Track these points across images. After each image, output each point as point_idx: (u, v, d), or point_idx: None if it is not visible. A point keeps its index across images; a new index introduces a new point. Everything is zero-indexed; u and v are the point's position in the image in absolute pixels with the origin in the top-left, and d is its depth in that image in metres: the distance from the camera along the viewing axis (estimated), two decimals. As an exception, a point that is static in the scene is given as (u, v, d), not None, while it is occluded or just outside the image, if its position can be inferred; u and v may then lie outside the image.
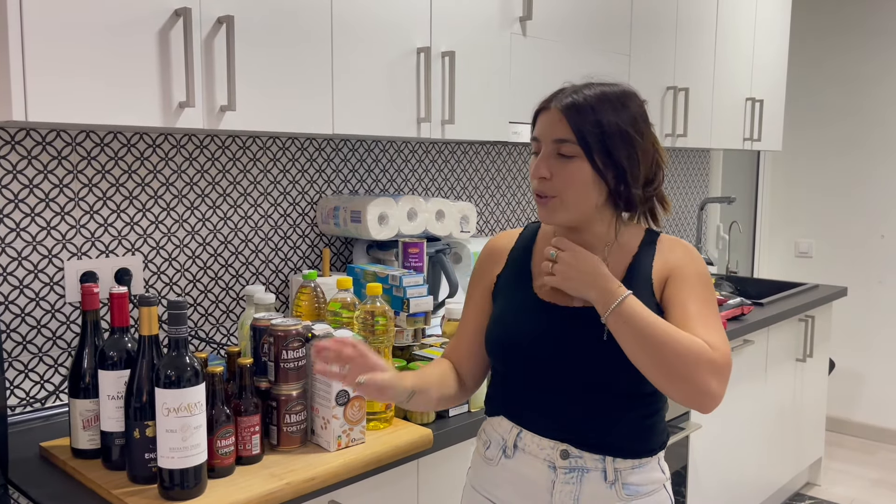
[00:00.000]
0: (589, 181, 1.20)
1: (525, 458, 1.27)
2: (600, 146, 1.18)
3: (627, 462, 1.24)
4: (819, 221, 4.28)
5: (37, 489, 1.31)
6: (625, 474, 1.24)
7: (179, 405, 1.20)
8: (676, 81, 2.82)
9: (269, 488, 1.28)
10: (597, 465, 1.23)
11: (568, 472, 1.24)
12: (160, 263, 1.82)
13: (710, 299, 1.22)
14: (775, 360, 2.98)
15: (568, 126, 1.19)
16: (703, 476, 2.59)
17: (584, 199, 1.21)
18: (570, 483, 1.24)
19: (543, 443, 1.25)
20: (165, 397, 1.20)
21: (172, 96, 1.44)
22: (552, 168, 1.21)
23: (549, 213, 1.23)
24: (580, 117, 1.19)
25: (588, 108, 1.19)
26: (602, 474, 1.23)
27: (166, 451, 1.21)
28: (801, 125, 4.25)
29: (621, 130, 1.19)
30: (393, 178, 2.34)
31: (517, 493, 1.28)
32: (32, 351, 1.64)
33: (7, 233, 1.59)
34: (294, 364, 1.42)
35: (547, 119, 1.23)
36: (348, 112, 1.75)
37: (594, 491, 1.23)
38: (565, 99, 1.21)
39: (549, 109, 1.23)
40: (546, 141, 1.22)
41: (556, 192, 1.21)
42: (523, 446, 1.27)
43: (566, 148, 1.20)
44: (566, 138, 1.19)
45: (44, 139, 1.62)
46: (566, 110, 1.20)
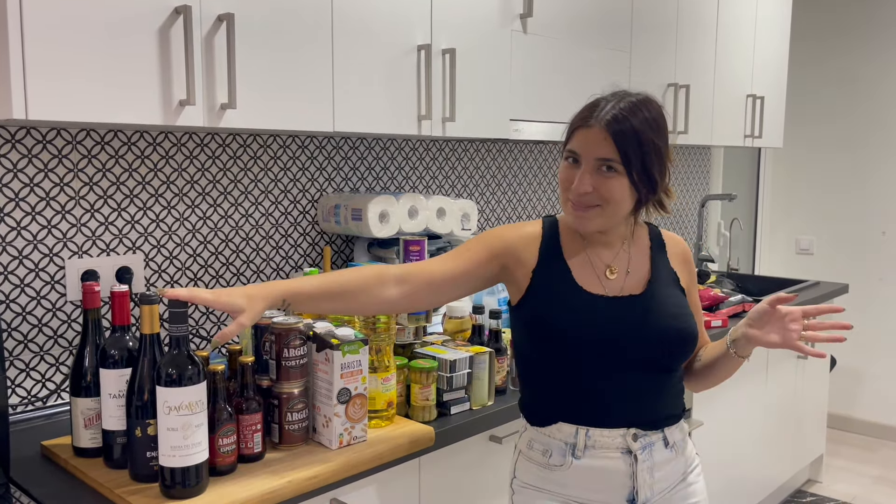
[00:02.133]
0: (627, 195, 1.30)
1: (598, 453, 1.34)
2: (640, 164, 1.27)
3: (673, 427, 1.39)
4: (820, 218, 4.28)
5: (38, 488, 1.30)
6: (672, 436, 1.38)
7: (181, 403, 1.20)
8: (677, 78, 2.82)
9: (271, 486, 1.28)
10: (658, 437, 1.37)
11: (642, 451, 1.35)
12: (161, 262, 1.82)
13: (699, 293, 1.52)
14: (776, 358, 2.97)
15: (614, 146, 1.26)
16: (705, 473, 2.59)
17: (622, 210, 1.32)
18: (647, 459, 1.35)
19: (614, 433, 1.34)
20: (167, 396, 1.20)
21: (173, 94, 1.43)
22: (595, 183, 1.29)
23: (586, 220, 1.32)
24: (625, 139, 1.26)
25: (632, 132, 1.26)
26: (663, 442, 1.37)
27: (168, 450, 1.21)
28: (802, 122, 4.25)
29: (657, 150, 1.29)
30: (394, 176, 2.33)
31: (592, 488, 1.35)
32: (34, 350, 1.64)
33: (8, 231, 1.59)
34: (296, 362, 1.42)
35: (590, 136, 1.28)
36: (349, 110, 1.74)
37: (661, 458, 1.37)
38: (607, 117, 1.27)
39: (590, 127, 1.28)
40: (588, 158, 1.29)
41: (599, 202, 1.30)
42: (593, 444, 1.34)
43: (609, 166, 1.28)
44: (612, 158, 1.27)
45: (44, 137, 1.62)
46: (613, 133, 1.26)
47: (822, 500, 3.38)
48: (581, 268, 1.38)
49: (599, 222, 1.33)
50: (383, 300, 1.34)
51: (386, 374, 1.55)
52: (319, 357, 1.44)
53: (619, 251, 1.40)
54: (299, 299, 1.28)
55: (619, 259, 1.39)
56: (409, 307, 1.40)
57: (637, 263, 1.40)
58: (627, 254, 1.40)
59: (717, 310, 2.65)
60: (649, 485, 1.36)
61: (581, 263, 1.38)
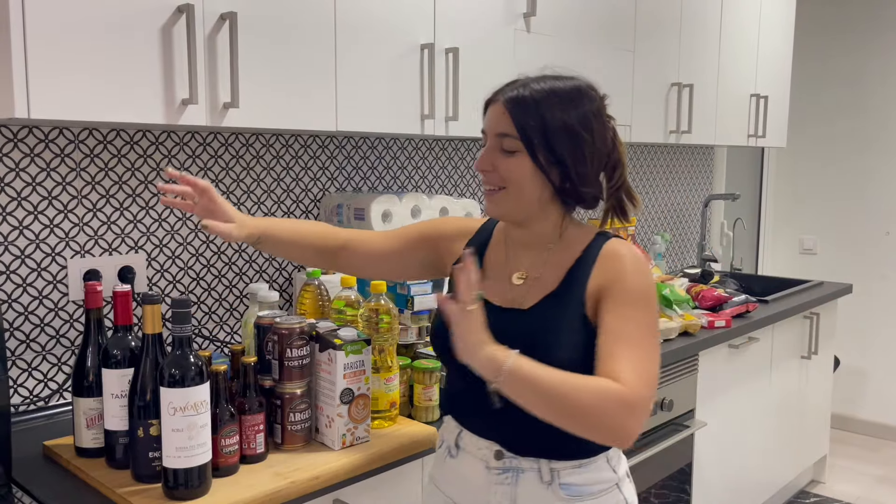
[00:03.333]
0: (529, 176, 1.18)
1: (466, 457, 1.28)
2: (543, 143, 1.16)
3: (565, 463, 1.21)
4: (823, 218, 4.27)
5: (40, 488, 1.30)
6: (563, 475, 1.20)
7: (185, 404, 1.19)
8: (681, 78, 2.81)
9: (274, 487, 1.27)
10: (531, 466, 1.21)
11: (502, 473, 1.23)
12: (163, 261, 1.82)
13: (643, 321, 1.13)
14: (780, 358, 2.97)
15: (510, 120, 1.17)
16: (708, 473, 2.59)
17: (526, 194, 1.19)
18: (506, 484, 1.22)
19: (480, 443, 1.25)
20: (171, 396, 1.19)
21: (175, 93, 1.43)
22: (495, 161, 1.20)
23: (493, 204, 1.23)
24: (523, 112, 1.16)
25: (533, 103, 1.16)
26: (538, 475, 1.21)
27: (172, 451, 1.20)
28: (806, 122, 4.24)
29: (567, 127, 1.16)
30: (396, 176, 2.33)
31: (462, 492, 1.29)
32: (36, 349, 1.64)
33: (10, 231, 1.58)
34: (298, 362, 1.42)
35: (493, 112, 1.21)
36: (351, 109, 1.74)
37: (530, 491, 1.21)
38: (510, 92, 1.19)
39: (496, 102, 1.21)
40: (490, 134, 1.21)
41: (503, 183, 1.20)
42: (464, 446, 1.28)
43: (507, 143, 1.18)
44: (508, 133, 1.18)
45: (46, 136, 1.61)
46: (509, 104, 1.18)
47: (825, 500, 3.37)
48: (493, 269, 1.29)
49: (507, 208, 1.21)
50: (327, 260, 1.44)
51: (389, 375, 1.54)
52: (322, 357, 1.44)
53: (539, 257, 1.24)
54: (270, 242, 1.39)
55: (534, 265, 1.24)
56: (346, 271, 1.49)
57: (549, 274, 1.22)
58: (544, 262, 1.23)
59: (720, 310, 2.64)
60: None
61: (495, 265, 1.29)
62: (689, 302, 2.57)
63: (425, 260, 1.40)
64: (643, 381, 1.08)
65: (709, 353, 2.48)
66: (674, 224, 3.67)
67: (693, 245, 3.82)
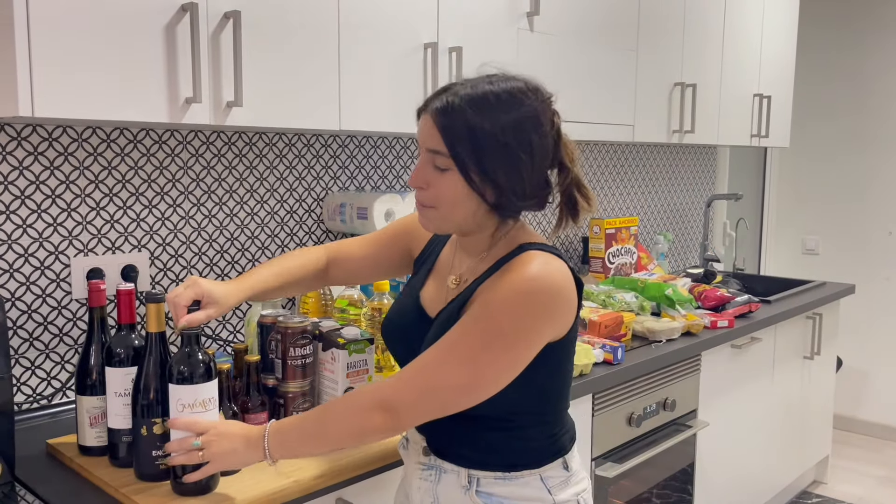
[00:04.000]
0: (463, 195, 1.11)
1: (410, 450, 1.29)
2: (474, 160, 1.08)
3: (486, 472, 1.19)
4: (826, 219, 4.26)
5: (44, 486, 1.30)
6: (484, 483, 1.18)
7: (194, 401, 1.19)
8: (684, 77, 2.80)
9: (278, 486, 1.27)
10: (452, 468, 1.21)
11: (426, 469, 1.24)
12: (167, 260, 1.82)
13: (474, 330, 1.08)
14: (783, 358, 2.96)
15: (440, 135, 1.09)
16: (711, 474, 2.58)
17: (460, 212, 1.13)
18: (429, 480, 1.23)
19: (417, 437, 1.27)
20: (179, 394, 1.19)
21: (179, 92, 1.43)
22: (427, 178, 1.13)
23: (427, 222, 1.17)
24: (451, 126, 1.08)
25: (460, 113, 1.07)
26: (457, 477, 1.20)
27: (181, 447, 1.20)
28: (809, 121, 4.23)
29: (498, 141, 1.07)
30: (399, 175, 2.33)
31: (406, 485, 1.31)
32: (39, 348, 1.64)
33: (14, 229, 1.58)
34: (301, 361, 1.42)
35: (423, 125, 1.13)
36: (355, 108, 1.74)
37: (450, 493, 1.21)
38: (438, 102, 1.10)
39: (424, 113, 1.13)
40: (423, 148, 1.13)
41: (432, 203, 1.13)
42: (410, 438, 1.30)
43: (439, 160, 1.10)
44: (438, 150, 1.10)
45: (50, 135, 1.61)
46: (437, 116, 1.09)
47: (827, 501, 3.37)
48: (441, 270, 1.28)
49: (440, 225, 1.16)
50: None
51: (391, 373, 1.54)
52: (325, 356, 1.44)
53: (473, 264, 1.21)
54: (261, 298, 1.35)
55: (468, 271, 1.21)
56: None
57: (468, 282, 1.20)
58: (475, 269, 1.20)
59: (723, 310, 2.64)
60: None
61: (444, 266, 1.28)
62: (691, 302, 2.57)
63: (398, 256, 1.40)
64: (411, 385, 1.10)
65: (711, 353, 2.47)
66: (676, 224, 3.67)
67: (695, 245, 3.82)
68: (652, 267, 2.99)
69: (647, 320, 2.35)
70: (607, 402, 2.06)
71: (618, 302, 2.44)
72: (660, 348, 2.25)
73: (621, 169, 3.26)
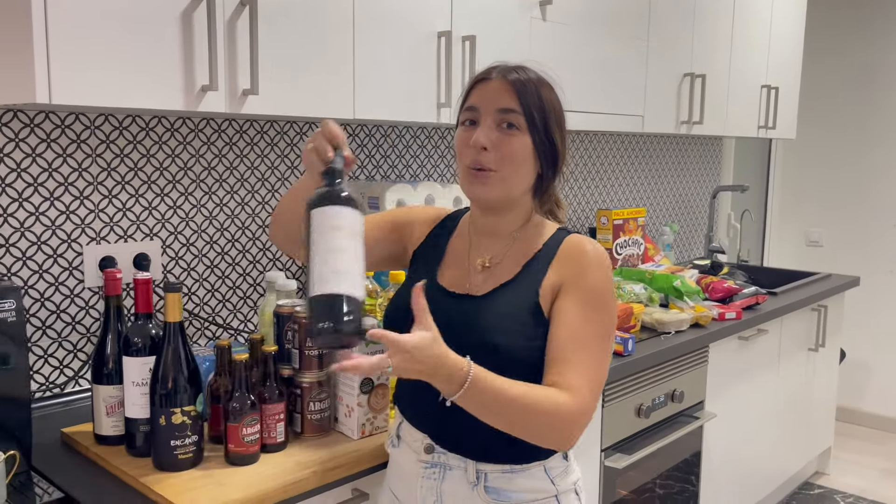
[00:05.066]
0: (529, 157, 1.16)
1: (404, 448, 1.26)
2: (542, 122, 1.16)
3: (494, 466, 1.18)
4: (830, 211, 4.26)
5: (61, 475, 1.30)
6: (491, 477, 1.18)
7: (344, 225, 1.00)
8: (693, 68, 2.79)
9: (297, 477, 1.27)
10: (459, 464, 1.19)
11: (430, 467, 1.21)
12: (178, 249, 1.81)
13: (599, 324, 1.14)
14: (788, 350, 2.97)
15: (514, 96, 1.15)
16: (716, 465, 2.59)
17: (519, 176, 1.17)
18: (432, 479, 1.21)
19: (416, 434, 1.24)
20: (331, 214, 1.00)
21: (195, 80, 1.41)
22: (493, 139, 1.15)
23: (485, 187, 1.16)
24: (525, 90, 1.16)
25: (532, 84, 1.17)
26: (464, 473, 1.19)
27: (329, 276, 0.96)
28: (813, 113, 4.22)
29: (558, 114, 1.19)
30: (409, 165, 2.32)
31: (400, 484, 1.27)
32: (52, 336, 1.63)
33: (27, 217, 1.57)
34: (318, 351, 1.41)
35: (490, 88, 1.17)
36: (369, 96, 1.72)
37: (456, 490, 1.19)
38: (510, 73, 1.17)
39: (490, 80, 1.18)
40: (488, 110, 1.16)
41: (496, 165, 1.15)
42: (403, 436, 1.27)
43: (511, 118, 1.15)
44: (512, 108, 1.15)
45: (63, 122, 1.60)
46: (514, 82, 1.16)
47: (829, 492, 3.39)
48: (455, 256, 1.27)
49: (497, 191, 1.16)
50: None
51: (407, 364, 1.53)
52: (342, 346, 1.43)
53: (502, 247, 1.23)
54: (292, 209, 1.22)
55: (495, 255, 1.23)
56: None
57: (507, 264, 1.21)
58: (507, 251, 1.22)
59: (730, 302, 2.64)
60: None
61: (458, 252, 1.27)
62: (699, 293, 2.57)
63: (394, 246, 1.35)
64: (592, 391, 1.11)
65: (719, 344, 2.48)
66: (681, 215, 3.66)
67: (700, 236, 3.82)
68: (659, 258, 2.99)
69: (655, 312, 2.35)
70: (617, 394, 2.06)
71: (627, 293, 2.44)
72: (668, 340, 2.25)
73: (628, 160, 3.25)
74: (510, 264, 1.21)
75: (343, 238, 0.98)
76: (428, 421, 1.22)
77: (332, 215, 0.99)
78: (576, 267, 1.17)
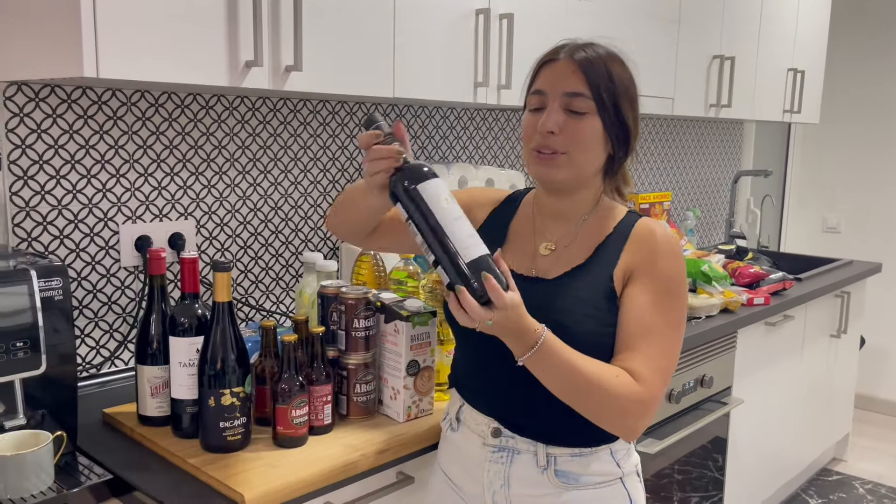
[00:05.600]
0: (599, 140, 1.13)
1: (465, 431, 1.24)
2: (612, 103, 1.12)
3: (563, 449, 1.16)
4: (848, 196, 4.23)
5: (107, 456, 1.28)
6: (561, 461, 1.16)
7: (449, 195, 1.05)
8: (723, 50, 2.75)
9: (347, 459, 1.26)
10: (528, 448, 1.17)
11: (497, 451, 1.19)
12: (212, 229, 1.78)
13: (671, 312, 1.12)
14: (812, 336, 2.95)
15: (583, 78, 1.11)
16: (741, 449, 2.58)
17: (589, 159, 1.14)
18: (500, 463, 1.19)
19: (479, 418, 1.21)
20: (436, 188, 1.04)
21: (239, 55, 1.38)
22: (561, 123, 1.12)
23: (552, 169, 1.13)
24: (595, 71, 1.12)
25: (602, 64, 1.12)
26: (533, 458, 1.17)
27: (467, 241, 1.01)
28: (834, 98, 4.18)
29: (630, 94, 1.15)
30: (438, 146, 2.29)
31: (460, 468, 1.25)
32: (88, 316, 1.61)
33: (64, 194, 1.55)
34: (365, 333, 1.39)
35: (558, 71, 1.14)
36: (408, 75, 1.69)
37: (524, 474, 1.17)
38: (577, 52, 1.13)
39: (557, 61, 1.14)
40: (555, 94, 1.13)
41: (565, 148, 1.12)
42: (464, 419, 1.24)
43: (579, 102, 1.12)
44: (580, 92, 1.11)
45: (100, 98, 1.57)
46: (581, 62, 1.12)
47: (848, 478, 3.38)
48: (517, 239, 1.24)
49: (566, 173, 1.14)
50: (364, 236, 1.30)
51: (451, 347, 1.51)
52: (388, 328, 1.41)
53: (569, 229, 1.20)
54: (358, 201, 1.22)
55: (563, 237, 1.20)
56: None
57: (578, 247, 1.18)
58: (576, 234, 1.19)
59: (757, 287, 2.62)
60: (503, 497, 1.18)
61: (521, 234, 1.24)
62: (726, 278, 2.55)
63: None
64: (661, 380, 1.09)
65: (747, 330, 2.46)
66: (702, 200, 3.63)
67: (720, 222, 3.79)
68: (683, 243, 2.96)
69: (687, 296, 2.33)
70: (651, 378, 2.04)
71: (656, 277, 2.42)
72: (699, 325, 2.24)
73: (651, 144, 3.22)
74: (580, 248, 1.18)
75: (455, 206, 1.04)
76: (495, 404, 1.19)
77: (436, 188, 1.04)
78: (648, 253, 1.14)
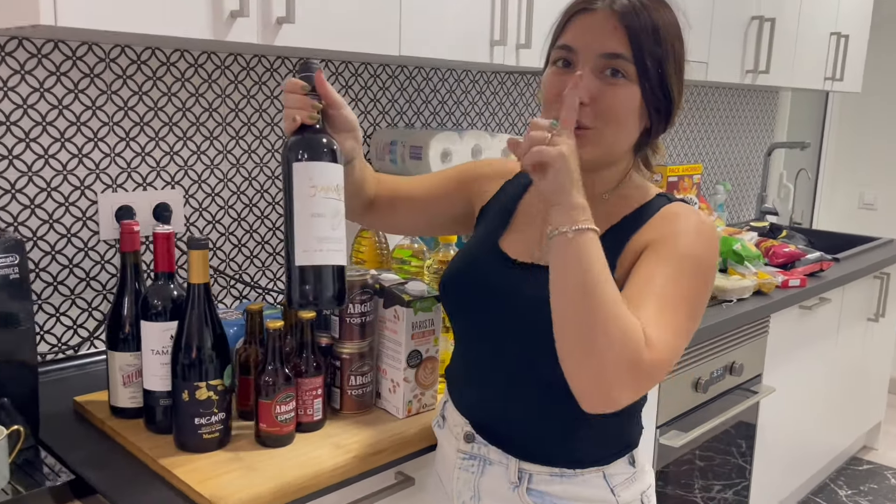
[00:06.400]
0: (636, 113, 0.94)
1: (446, 429, 1.12)
2: (656, 70, 0.92)
3: (540, 467, 1.00)
4: (887, 171, 4.00)
5: (72, 452, 1.15)
6: (537, 480, 1.01)
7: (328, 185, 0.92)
8: (762, 10, 2.54)
9: (336, 462, 1.12)
10: (500, 460, 1.03)
11: (467, 458, 1.06)
12: (202, 199, 1.64)
13: (683, 283, 0.90)
14: (848, 320, 2.77)
15: (624, 35, 0.91)
16: (770, 436, 2.43)
17: (623, 137, 0.96)
18: (469, 471, 1.06)
19: (458, 418, 1.08)
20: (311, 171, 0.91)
21: (223, 3, 1.22)
22: (592, 92, 0.91)
23: (579, 146, 0.87)
24: (639, 23, 0.91)
25: (649, 19, 0.91)
26: (505, 471, 1.02)
27: (313, 244, 0.91)
28: (877, 66, 3.93)
29: (678, 57, 0.95)
30: (451, 111, 2.12)
31: (441, 467, 1.15)
32: (64, 293, 1.48)
33: (35, 160, 1.40)
34: (360, 319, 1.25)
35: (593, 23, 0.92)
36: (417, 31, 1.52)
37: (494, 488, 1.03)
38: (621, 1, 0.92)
39: (594, 10, 0.92)
40: (588, 55, 0.92)
41: (593, 122, 0.93)
42: (447, 416, 1.13)
43: (618, 63, 0.91)
44: (620, 53, 0.91)
45: (74, 53, 1.42)
46: (624, 13, 0.91)
47: (879, 468, 3.22)
48: (525, 218, 1.06)
49: (591, 152, 0.93)
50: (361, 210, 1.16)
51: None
52: (387, 314, 1.26)
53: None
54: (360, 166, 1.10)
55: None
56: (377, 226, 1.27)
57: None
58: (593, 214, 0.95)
59: (792, 268, 2.44)
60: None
61: (530, 214, 1.06)
62: (759, 258, 2.37)
63: (460, 206, 1.18)
64: (667, 355, 0.85)
65: (780, 314, 2.29)
66: (733, 173, 3.44)
67: (751, 197, 3.59)
68: (714, 219, 2.78)
69: (717, 277, 2.16)
70: (676, 366, 1.89)
71: (684, 257, 2.25)
72: (729, 309, 2.07)
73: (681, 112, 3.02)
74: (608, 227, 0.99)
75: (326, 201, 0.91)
76: (471, 404, 1.05)
77: (310, 172, 0.92)
78: (668, 231, 0.95)
